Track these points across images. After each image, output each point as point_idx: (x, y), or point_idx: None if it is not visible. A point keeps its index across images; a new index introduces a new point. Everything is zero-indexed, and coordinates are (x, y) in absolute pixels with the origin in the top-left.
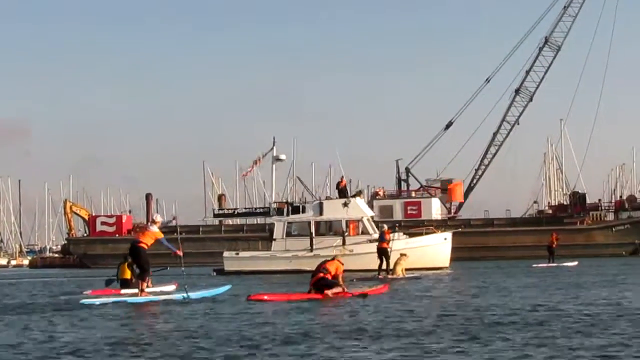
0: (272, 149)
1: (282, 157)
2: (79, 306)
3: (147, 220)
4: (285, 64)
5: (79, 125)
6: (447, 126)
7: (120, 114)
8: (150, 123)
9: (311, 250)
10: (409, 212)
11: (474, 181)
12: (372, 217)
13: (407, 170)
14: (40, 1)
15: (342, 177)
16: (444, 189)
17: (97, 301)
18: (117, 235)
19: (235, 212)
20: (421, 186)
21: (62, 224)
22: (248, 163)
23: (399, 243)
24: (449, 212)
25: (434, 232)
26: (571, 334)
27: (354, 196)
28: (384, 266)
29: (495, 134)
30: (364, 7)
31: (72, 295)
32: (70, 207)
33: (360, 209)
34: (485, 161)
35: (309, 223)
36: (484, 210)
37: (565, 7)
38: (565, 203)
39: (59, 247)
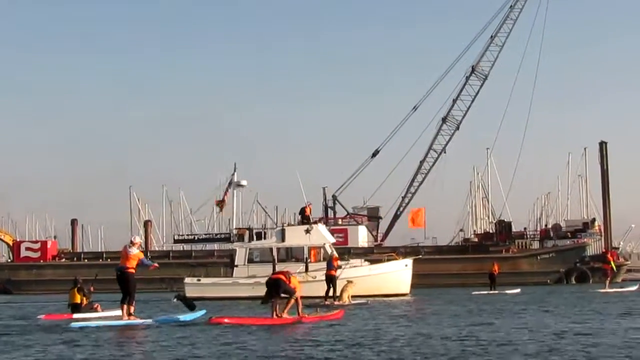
0: (233, 174)
1: (243, 182)
2: (70, 328)
3: (72, 247)
4: (212, 90)
5: (2, 148)
6: (374, 154)
7: (45, 137)
8: (76, 147)
9: None
10: (335, 239)
11: (401, 209)
12: (333, 244)
13: (334, 197)
14: None
15: (308, 203)
16: (371, 216)
17: (89, 324)
18: (41, 261)
19: (196, 238)
20: (348, 214)
21: None
22: (176, 189)
23: (361, 270)
24: (376, 240)
25: (395, 259)
26: None
27: (315, 223)
28: (330, 293)
29: (422, 162)
30: (298, 34)
31: (27, 320)
32: None
33: (322, 235)
34: (412, 189)
35: (271, 249)
36: (411, 238)
37: (492, 36)
38: (491, 231)
39: None
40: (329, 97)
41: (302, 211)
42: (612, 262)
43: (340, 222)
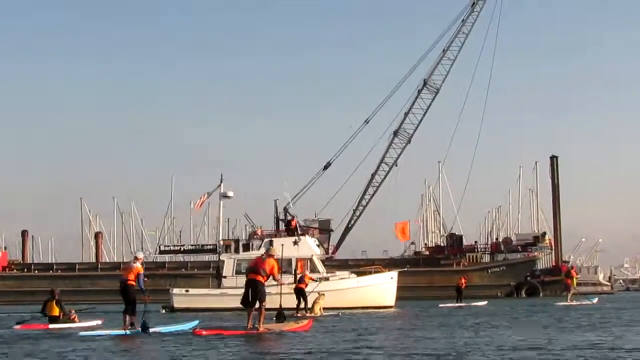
0: (219, 185)
1: (230, 194)
2: (78, 337)
3: (23, 258)
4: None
5: None
6: (326, 167)
7: None
8: (27, 158)
9: None
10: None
11: (352, 221)
12: (319, 256)
13: (285, 210)
14: None
15: (294, 217)
16: (322, 229)
17: (95, 333)
18: None
19: (182, 249)
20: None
21: None
22: (127, 201)
23: (348, 282)
24: (327, 253)
25: (381, 271)
26: None
27: (302, 234)
28: (302, 305)
29: (373, 175)
30: (253, 47)
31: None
32: None
33: (310, 247)
34: (364, 202)
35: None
36: (362, 250)
37: (444, 50)
38: (442, 244)
39: None
40: (281, 109)
41: (288, 223)
42: (574, 278)
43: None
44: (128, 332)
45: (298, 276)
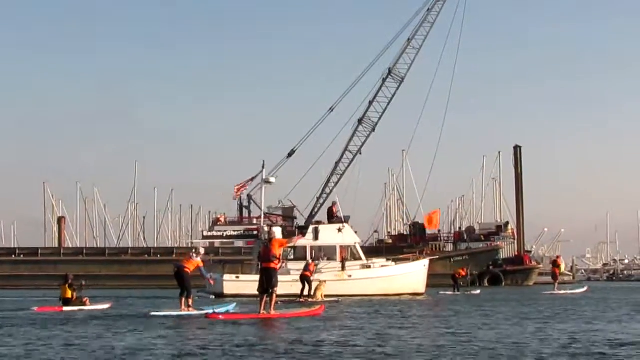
0: (261, 171)
1: (272, 179)
2: (151, 317)
3: None
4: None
5: None
6: (290, 154)
7: None
8: None
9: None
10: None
11: (316, 210)
12: (360, 243)
13: (249, 197)
14: None
15: (334, 202)
16: (286, 216)
17: (165, 314)
18: None
19: (224, 235)
20: (262, 213)
21: None
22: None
23: (389, 269)
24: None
25: (418, 259)
26: None
27: (344, 222)
28: (305, 292)
29: (337, 163)
30: (213, 30)
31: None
32: None
33: (352, 234)
34: (327, 190)
35: (305, 247)
36: None
37: (409, 39)
38: (405, 233)
39: None
40: (244, 95)
41: (330, 211)
42: (560, 267)
43: (255, 221)
44: (189, 312)
45: (312, 265)
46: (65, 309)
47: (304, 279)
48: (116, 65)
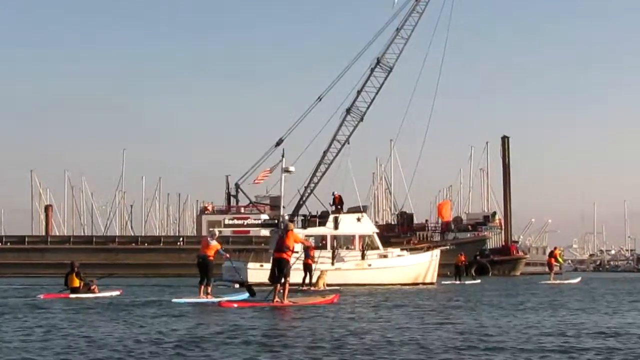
0: (281, 160)
1: (292, 169)
2: (173, 304)
3: None
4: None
5: None
6: (278, 143)
7: None
8: None
9: (332, 263)
10: (238, 227)
11: (304, 199)
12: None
13: (237, 186)
14: None
15: (334, 192)
16: (273, 205)
17: (186, 300)
18: None
19: (245, 223)
20: (250, 202)
21: None
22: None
23: (405, 259)
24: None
25: (430, 249)
26: None
27: (362, 211)
28: (307, 280)
29: (325, 153)
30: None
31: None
32: None
33: (370, 224)
34: (315, 179)
35: (326, 236)
36: None
37: (398, 29)
38: (392, 223)
39: None
40: (231, 84)
41: (334, 201)
42: (558, 258)
43: (242, 210)
44: (208, 299)
45: (313, 251)
46: (72, 296)
47: (306, 267)
48: (104, 52)
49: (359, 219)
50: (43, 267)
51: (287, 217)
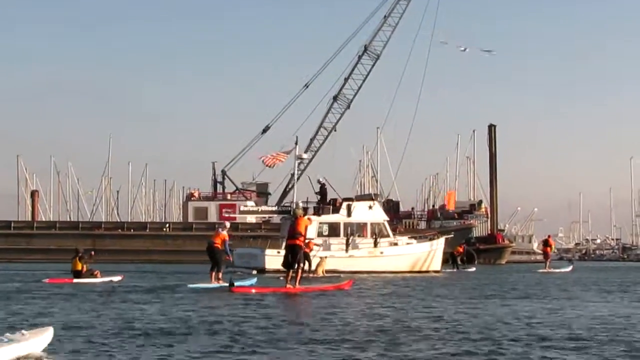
0: (295, 147)
1: (305, 156)
2: (189, 290)
3: None
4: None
5: None
6: (264, 130)
7: None
8: None
9: (347, 250)
10: (223, 214)
11: (290, 186)
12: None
13: (224, 172)
14: None
15: (319, 179)
16: (260, 192)
17: (202, 286)
18: None
19: (260, 210)
20: (237, 189)
21: None
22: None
23: (414, 247)
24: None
25: (436, 237)
26: None
27: (373, 199)
28: (306, 267)
29: (312, 140)
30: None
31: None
32: None
33: (381, 212)
34: (302, 166)
35: (339, 224)
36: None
37: (385, 16)
38: None
39: None
40: (216, 70)
41: (321, 189)
42: (552, 246)
43: (229, 197)
44: (219, 284)
45: (312, 243)
46: (75, 280)
47: (305, 255)
48: (88, 38)
49: (370, 207)
50: (29, 253)
51: (300, 204)
